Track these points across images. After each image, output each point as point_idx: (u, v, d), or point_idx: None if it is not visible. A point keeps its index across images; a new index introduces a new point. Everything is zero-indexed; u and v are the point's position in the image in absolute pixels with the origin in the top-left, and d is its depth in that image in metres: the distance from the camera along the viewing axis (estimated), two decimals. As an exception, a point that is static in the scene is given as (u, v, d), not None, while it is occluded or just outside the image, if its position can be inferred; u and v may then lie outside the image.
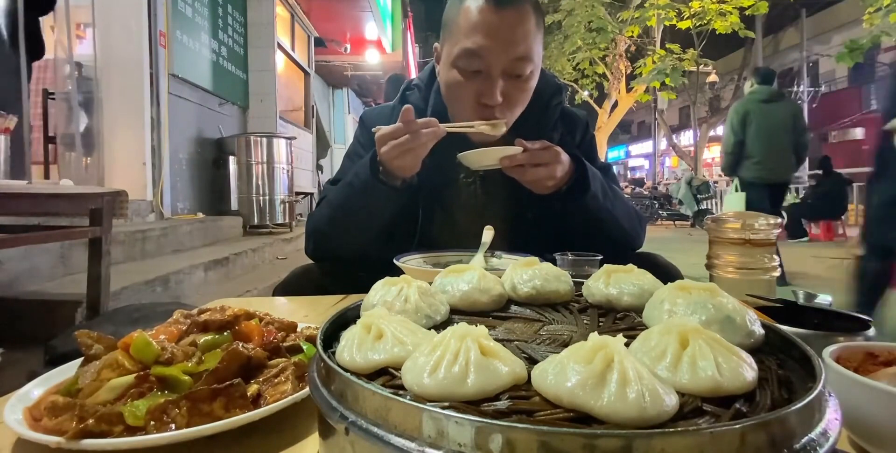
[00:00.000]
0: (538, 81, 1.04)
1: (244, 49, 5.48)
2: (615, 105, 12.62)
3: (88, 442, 0.38)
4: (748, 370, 0.31)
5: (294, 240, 4.47)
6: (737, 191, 3.94)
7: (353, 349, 0.35)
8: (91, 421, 0.39)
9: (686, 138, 19.03)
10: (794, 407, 0.26)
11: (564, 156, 0.92)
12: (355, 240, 1.01)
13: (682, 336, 0.33)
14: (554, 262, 0.79)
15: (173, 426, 0.41)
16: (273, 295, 1.05)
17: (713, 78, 14.65)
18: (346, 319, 0.45)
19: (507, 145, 0.90)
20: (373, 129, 0.90)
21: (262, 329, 0.55)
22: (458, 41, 0.92)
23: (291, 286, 1.05)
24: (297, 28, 7.03)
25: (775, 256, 0.73)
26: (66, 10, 2.69)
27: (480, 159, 0.91)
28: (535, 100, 1.05)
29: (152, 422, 0.41)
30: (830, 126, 16.59)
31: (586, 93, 12.76)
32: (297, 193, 5.17)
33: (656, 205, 12.23)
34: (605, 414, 0.27)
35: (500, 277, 0.55)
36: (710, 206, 10.61)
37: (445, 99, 1.03)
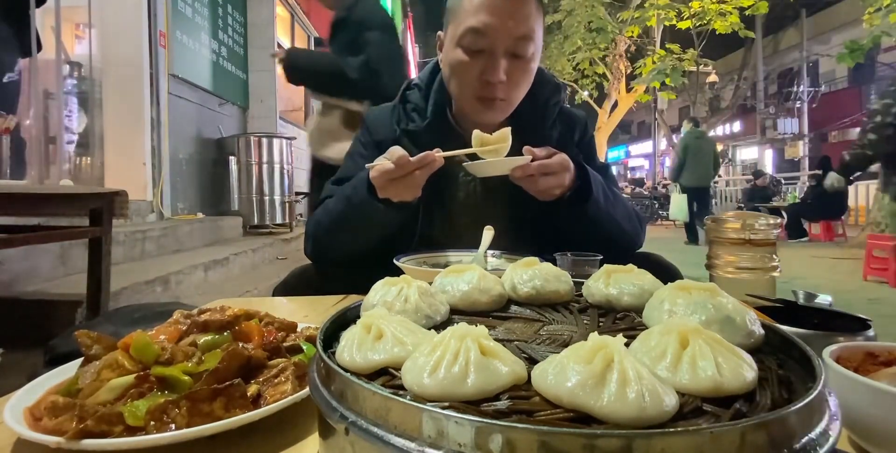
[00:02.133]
0: (536, 80, 1.04)
1: (244, 49, 5.48)
2: (615, 105, 12.61)
3: (88, 443, 0.38)
4: (748, 370, 0.31)
5: (294, 240, 4.47)
6: (680, 193, 6.95)
7: (353, 349, 0.35)
8: (91, 421, 0.39)
9: (686, 138, 18.98)
10: (794, 407, 0.26)
11: (571, 163, 0.92)
12: (352, 249, 1.01)
13: (682, 336, 0.33)
14: (554, 262, 0.79)
15: (173, 426, 0.41)
16: (273, 295, 1.05)
17: (713, 78, 14.64)
18: (346, 319, 0.45)
19: (507, 142, 0.90)
20: (367, 166, 0.89)
21: (262, 329, 0.55)
22: (463, 21, 0.94)
23: (291, 286, 1.05)
24: (297, 28, 7.03)
25: (775, 256, 0.73)
26: (56, 10, 2.68)
27: (490, 169, 0.90)
28: (534, 98, 1.06)
29: (152, 422, 0.41)
30: (830, 126, 16.60)
31: (586, 93, 12.74)
32: (297, 193, 5.16)
33: (656, 205, 12.23)
34: (605, 414, 0.27)
35: (500, 277, 0.55)
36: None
37: (447, 81, 1.03)
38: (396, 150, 0.85)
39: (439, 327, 0.44)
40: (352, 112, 2.04)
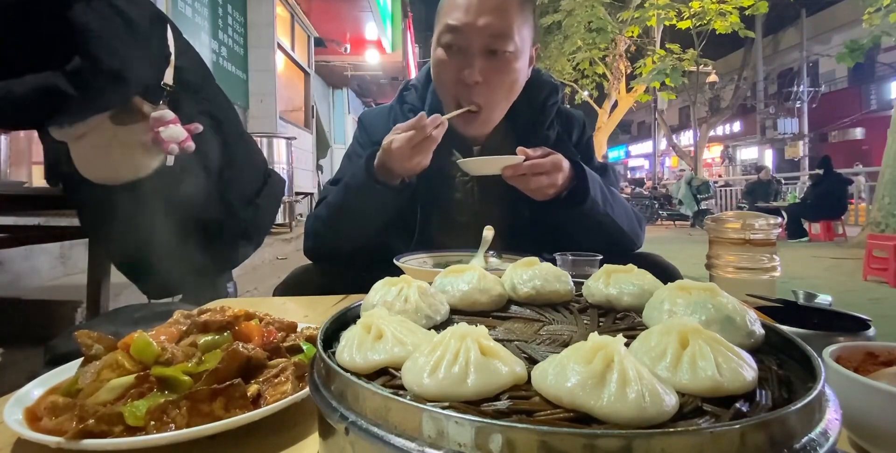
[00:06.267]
0: (533, 80, 1.04)
1: (244, 49, 5.48)
2: (615, 105, 12.63)
3: (88, 443, 0.38)
4: (748, 370, 0.31)
5: (294, 240, 4.47)
6: None
7: (353, 349, 0.35)
8: (91, 421, 0.39)
9: (686, 138, 19.05)
10: (794, 407, 0.26)
11: (565, 163, 0.92)
12: (352, 240, 1.01)
13: (682, 336, 0.33)
14: (554, 262, 0.79)
15: (173, 426, 0.41)
16: (273, 295, 1.05)
17: (713, 78, 14.66)
18: (346, 319, 0.45)
19: (504, 145, 0.90)
20: (383, 143, 0.91)
21: (262, 329, 0.55)
22: (441, 19, 0.95)
23: (291, 286, 1.05)
24: (297, 28, 7.03)
25: (775, 256, 0.73)
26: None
27: (482, 167, 0.92)
28: (531, 98, 1.06)
29: (152, 422, 0.41)
30: (830, 126, 16.61)
31: (586, 93, 12.75)
32: (297, 193, 5.17)
33: (656, 205, 12.24)
34: (605, 415, 0.27)
35: (500, 277, 0.55)
36: (709, 206, 10.66)
37: (434, 82, 1.04)
38: (402, 124, 0.89)
39: (439, 327, 0.44)
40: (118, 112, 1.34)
